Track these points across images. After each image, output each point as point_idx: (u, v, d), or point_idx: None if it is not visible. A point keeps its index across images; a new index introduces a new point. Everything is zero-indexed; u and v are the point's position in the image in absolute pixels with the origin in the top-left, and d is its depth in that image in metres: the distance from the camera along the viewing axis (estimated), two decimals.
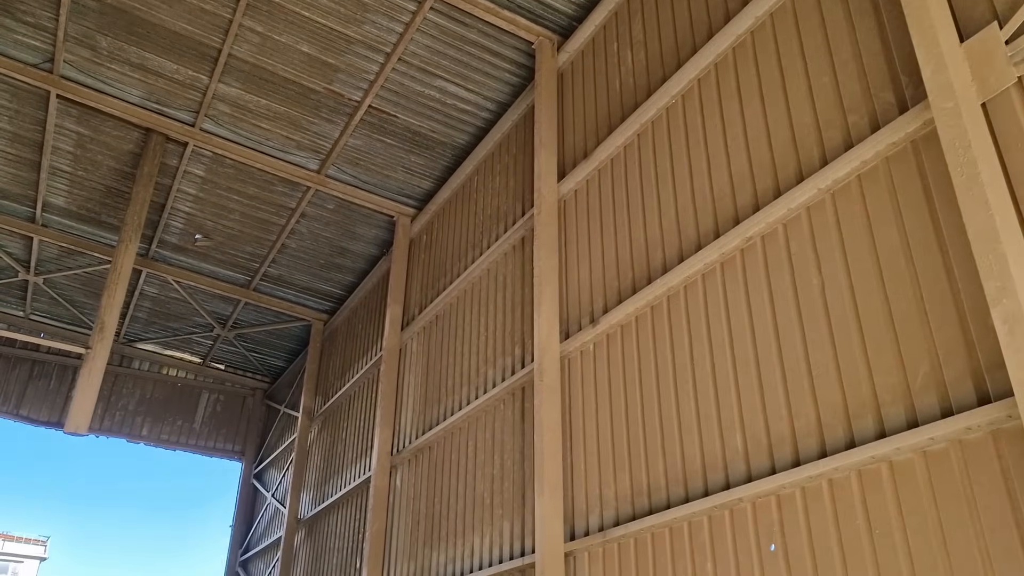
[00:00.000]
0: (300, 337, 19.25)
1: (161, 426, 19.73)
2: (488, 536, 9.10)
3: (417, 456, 11.51)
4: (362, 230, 14.94)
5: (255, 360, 20.41)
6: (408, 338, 12.84)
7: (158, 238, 15.59)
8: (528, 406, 9.00)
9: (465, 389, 10.57)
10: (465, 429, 10.31)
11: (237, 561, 19.61)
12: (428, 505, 10.76)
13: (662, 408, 7.01)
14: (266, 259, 16.00)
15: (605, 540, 7.10)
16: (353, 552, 12.86)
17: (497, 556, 8.80)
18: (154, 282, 17.24)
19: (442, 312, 11.95)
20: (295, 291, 17.18)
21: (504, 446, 9.26)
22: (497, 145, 11.61)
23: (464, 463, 10.10)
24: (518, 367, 9.40)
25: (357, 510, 13.20)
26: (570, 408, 8.25)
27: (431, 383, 11.67)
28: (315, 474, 15.83)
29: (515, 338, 9.66)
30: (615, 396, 7.64)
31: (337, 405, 15.67)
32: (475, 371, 10.45)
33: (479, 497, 9.53)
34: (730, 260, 6.68)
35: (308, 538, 15.31)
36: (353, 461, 13.94)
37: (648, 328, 7.45)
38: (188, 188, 14.14)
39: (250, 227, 15.10)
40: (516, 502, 8.72)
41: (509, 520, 8.76)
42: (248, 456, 20.54)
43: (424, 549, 10.53)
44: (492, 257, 10.72)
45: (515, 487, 8.81)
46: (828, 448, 5.38)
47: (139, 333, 19.46)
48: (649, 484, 6.91)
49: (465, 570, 9.37)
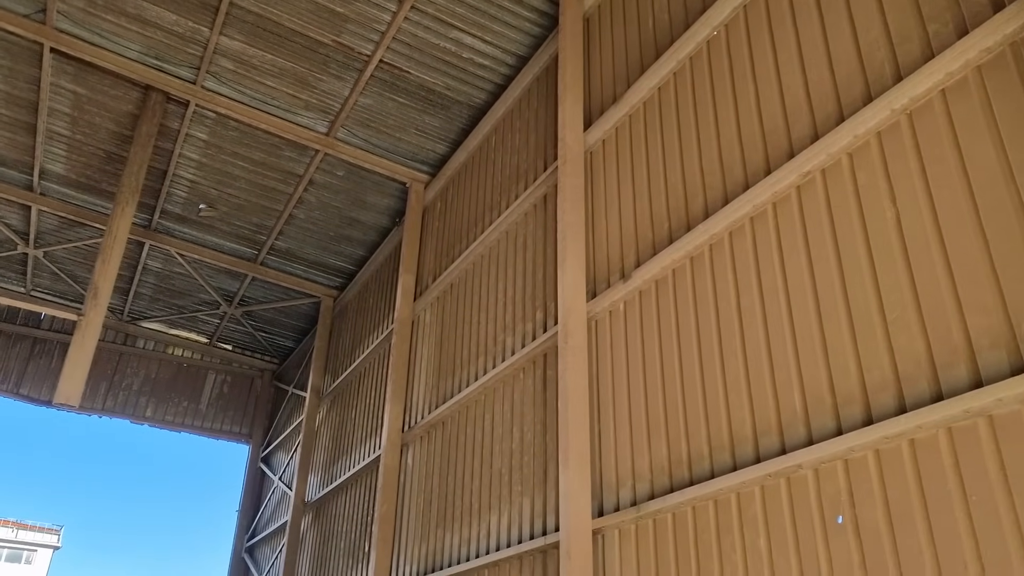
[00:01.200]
0: (309, 316, 18.60)
1: (166, 407, 19.14)
2: (507, 515, 8.37)
3: (429, 432, 10.80)
4: (373, 199, 14.23)
5: (263, 340, 19.77)
6: (421, 309, 12.13)
7: (160, 208, 14.95)
8: (551, 374, 8.26)
9: (481, 359, 9.85)
10: (481, 402, 9.59)
11: (243, 547, 19.01)
12: (441, 484, 10.05)
13: (704, 369, 6.25)
14: (273, 230, 15.32)
15: (639, 516, 6.35)
16: (361, 535, 12.18)
17: (516, 536, 8.07)
18: (158, 256, 16.62)
19: (457, 280, 11.22)
20: (304, 266, 16.50)
21: (524, 418, 8.53)
22: (517, 101, 10.85)
23: (480, 438, 9.38)
24: (539, 332, 8.66)
25: (366, 491, 12.52)
26: (598, 373, 7.51)
27: (445, 355, 10.95)
28: (323, 455, 15.17)
29: (536, 302, 8.92)
30: (649, 358, 6.88)
31: (346, 383, 14.99)
32: (492, 340, 9.72)
33: (496, 474, 8.81)
34: (784, 199, 5.90)
35: (315, 522, 14.66)
36: (362, 440, 13.25)
37: (687, 281, 6.69)
38: (191, 153, 13.47)
39: (256, 196, 14.42)
40: (537, 478, 7.99)
41: (530, 497, 8.03)
42: (255, 439, 19.92)
43: (437, 531, 9.83)
44: (511, 218, 9.97)
45: (536, 461, 8.08)
46: (908, 403, 4.61)
47: (143, 311, 18.86)
48: (690, 453, 6.16)
49: (481, 551, 8.66)
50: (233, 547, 19.01)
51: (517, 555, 7.88)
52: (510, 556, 7.96)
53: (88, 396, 18.36)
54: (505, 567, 8.11)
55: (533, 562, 7.67)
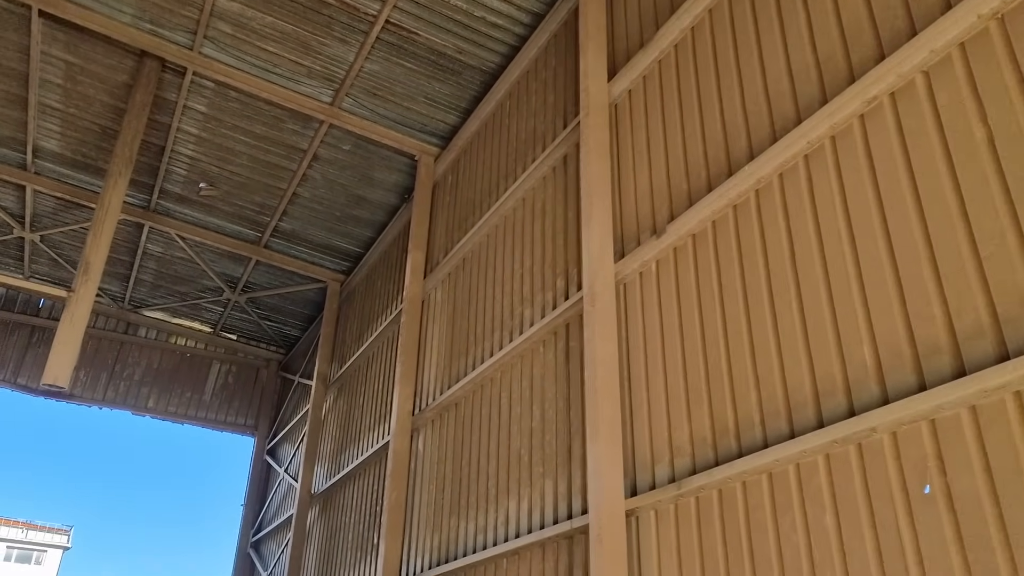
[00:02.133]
0: (316, 303, 17.95)
1: (169, 398, 18.53)
2: (527, 499, 7.68)
3: (442, 415, 10.11)
4: (381, 175, 13.56)
5: (269, 329, 19.14)
6: (431, 287, 11.44)
7: (159, 187, 14.32)
8: (574, 344, 7.56)
9: (497, 335, 9.16)
10: (497, 379, 8.90)
11: (249, 542, 18.37)
12: (454, 469, 9.37)
13: (753, 328, 5.54)
14: (277, 211, 14.67)
15: (679, 494, 5.65)
16: (370, 526, 11.51)
17: (539, 521, 7.37)
18: (158, 239, 16.00)
19: (469, 254, 10.53)
20: (309, 248, 15.84)
21: (545, 394, 7.83)
22: (533, 62, 10.16)
23: (496, 418, 8.69)
24: (560, 301, 7.97)
25: (375, 480, 11.85)
26: (628, 339, 6.80)
27: (458, 333, 10.27)
28: (330, 444, 14.51)
29: (557, 270, 8.22)
30: (687, 319, 6.18)
31: (354, 369, 14.33)
32: (508, 313, 9.03)
33: (515, 455, 8.11)
34: (845, 131, 5.19)
35: (322, 514, 14.00)
36: (371, 427, 12.58)
37: (730, 232, 5.98)
38: (190, 127, 12.83)
39: (259, 173, 13.77)
40: (561, 457, 7.29)
41: (552, 479, 7.33)
42: (261, 431, 19.29)
43: (450, 519, 9.14)
44: (527, 184, 9.28)
45: (560, 440, 7.38)
46: (1012, 350, 3.89)
47: (145, 299, 18.26)
48: (737, 421, 5.45)
49: (499, 539, 7.97)
50: (238, 542, 18.38)
51: (539, 542, 7.19)
52: (531, 543, 7.27)
53: (88, 386, 17.78)
54: (526, 555, 7.42)
55: (557, 549, 6.97)
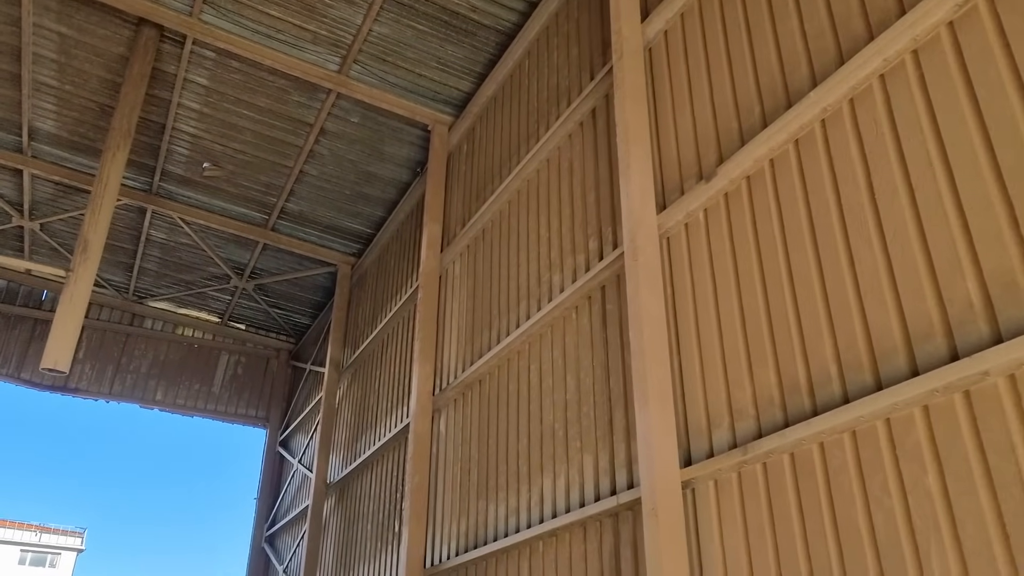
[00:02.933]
0: (326, 288, 17.38)
1: (177, 390, 17.99)
2: (563, 477, 7.09)
3: (464, 393, 9.53)
4: (392, 149, 12.96)
5: (278, 318, 18.59)
6: (449, 261, 10.85)
7: (161, 169, 13.76)
8: (611, 308, 6.96)
9: (523, 305, 8.57)
10: (525, 352, 8.30)
11: (263, 536, 17.85)
12: (481, 449, 8.79)
13: (826, 272, 4.93)
14: (284, 190, 14.10)
15: (743, 460, 5.05)
16: (390, 514, 10.95)
17: (578, 499, 6.78)
18: (161, 225, 15.44)
19: (489, 224, 9.94)
20: (318, 230, 15.27)
21: (580, 362, 7.24)
22: (553, 16, 9.54)
23: (526, 392, 8.10)
24: (594, 262, 7.37)
25: (394, 466, 11.28)
26: (674, 297, 6.20)
27: (479, 307, 9.68)
28: (345, 432, 13.96)
29: (589, 230, 7.62)
30: (745, 270, 5.57)
31: (368, 353, 13.76)
32: (535, 281, 8.43)
33: (548, 431, 7.52)
34: (929, 43, 4.56)
35: (339, 504, 13.45)
36: (388, 411, 12.02)
37: (792, 170, 5.37)
38: (191, 102, 12.25)
39: (264, 150, 13.19)
40: (601, 430, 6.70)
41: (592, 453, 6.74)
42: (273, 423, 18.75)
43: (478, 502, 8.56)
44: (551, 143, 8.68)
45: (598, 411, 6.79)
46: None
47: (150, 289, 17.72)
48: (810, 376, 4.85)
49: (533, 520, 7.38)
50: (252, 537, 17.87)
51: (579, 521, 6.60)
52: (571, 523, 6.68)
53: (94, 379, 17.26)
54: (564, 536, 6.83)
55: (600, 528, 6.38)
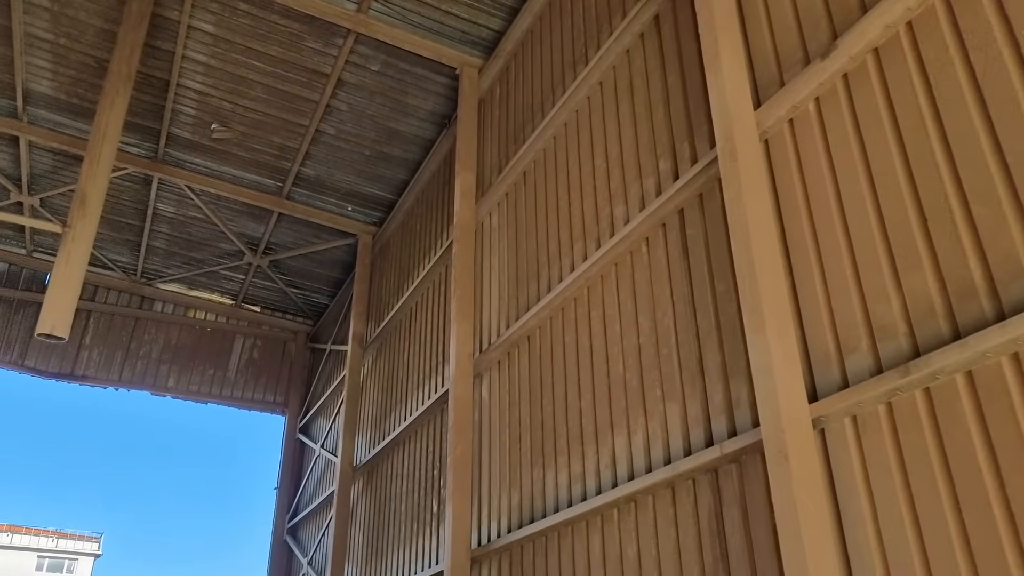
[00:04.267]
0: (345, 263, 16.39)
1: (190, 376, 17.06)
2: (641, 432, 6.06)
3: (510, 353, 8.51)
4: (416, 101, 11.95)
5: (295, 298, 17.61)
6: (485, 213, 9.84)
7: (167, 133, 12.81)
8: (693, 231, 5.92)
9: (578, 246, 7.54)
10: (583, 298, 7.28)
11: (285, 528, 16.90)
12: (533, 412, 7.77)
13: (1006, 145, 3.89)
14: (299, 153, 13.11)
15: (896, 387, 4.00)
16: (427, 493, 9.95)
17: (662, 456, 5.75)
18: (169, 197, 14.49)
19: (531, 166, 8.91)
20: (336, 198, 14.28)
21: (657, 300, 6.21)
22: None
23: (587, 343, 7.07)
24: (667, 184, 6.33)
25: (429, 441, 10.28)
26: (779, 206, 5.16)
27: (523, 258, 8.66)
28: (372, 410, 12.97)
29: (658, 150, 6.58)
30: (881, 160, 4.52)
31: (394, 325, 12.78)
32: (592, 218, 7.40)
33: (618, 382, 6.50)
34: None
35: (367, 488, 12.47)
36: (420, 383, 11.02)
37: (939, 28, 4.32)
38: (196, 53, 11.28)
39: (277, 107, 12.21)
40: (689, 373, 5.67)
41: (678, 401, 5.71)
42: (292, 408, 17.80)
43: (532, 471, 7.54)
44: (605, 63, 7.65)
45: (685, 352, 5.76)
46: None
47: (159, 269, 16.78)
48: (990, 274, 3.80)
49: (605, 486, 6.36)
50: (273, 529, 16.91)
51: (666, 481, 5.57)
52: (654, 484, 5.65)
53: (102, 366, 16.34)
54: (646, 500, 5.80)
55: (694, 487, 5.35)
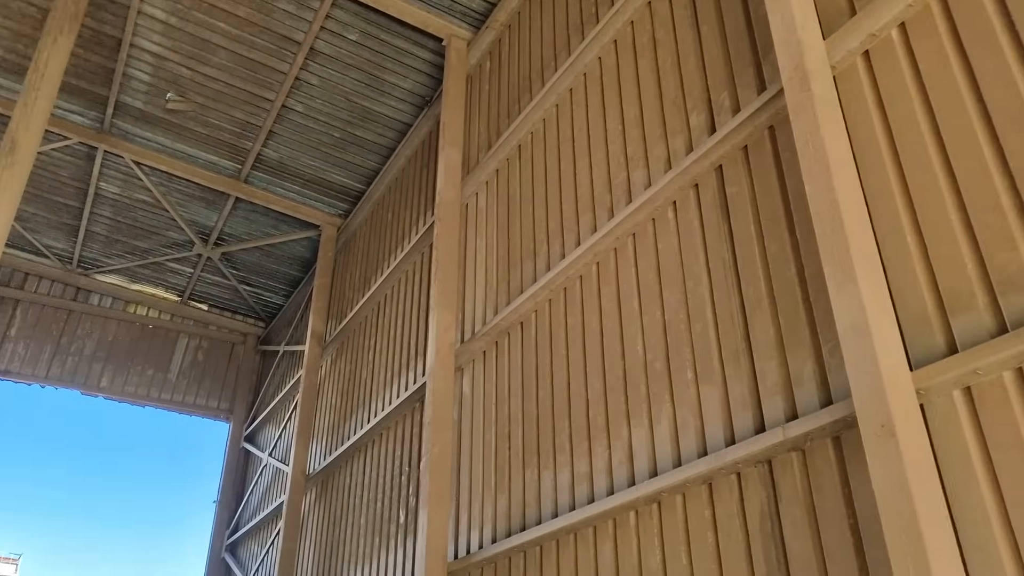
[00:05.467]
0: (304, 260, 15.27)
1: (126, 376, 15.63)
2: (667, 421, 5.16)
3: (498, 343, 7.57)
4: (395, 78, 11.04)
5: (247, 296, 16.38)
6: (471, 193, 8.94)
7: (116, 100, 11.65)
8: (735, 190, 5.11)
9: (586, 218, 6.68)
10: (591, 273, 6.39)
11: (224, 545, 15.48)
12: (527, 407, 6.82)
13: None
14: (262, 131, 12.05)
15: None
16: (393, 501, 8.87)
17: (695, 447, 4.85)
18: (114, 176, 13.24)
19: (528, 139, 8.06)
20: (300, 184, 13.22)
21: (688, 269, 5.36)
22: None
23: (595, 325, 6.18)
24: (701, 139, 5.53)
25: (397, 443, 9.22)
26: (853, 149, 4.37)
27: (514, 239, 7.77)
28: (329, 415, 11.84)
29: (690, 104, 5.79)
30: (993, 83, 3.78)
31: (358, 322, 11.72)
32: (603, 187, 6.56)
33: (637, 366, 5.61)
34: None
35: (321, 498, 11.29)
36: (388, 382, 9.98)
37: None
38: (155, 9, 10.21)
39: (241, 77, 11.17)
40: (732, 349, 4.81)
41: (716, 384, 4.84)
42: (237, 415, 16.47)
43: (524, 473, 6.57)
44: (622, 18, 6.87)
45: (725, 327, 4.91)
46: None
47: (98, 259, 15.42)
48: None
49: (619, 485, 5.43)
50: (210, 546, 15.47)
51: (701, 476, 4.67)
52: (687, 480, 4.75)
53: (28, 361, 14.85)
54: (673, 501, 4.89)
55: (739, 481, 4.47)
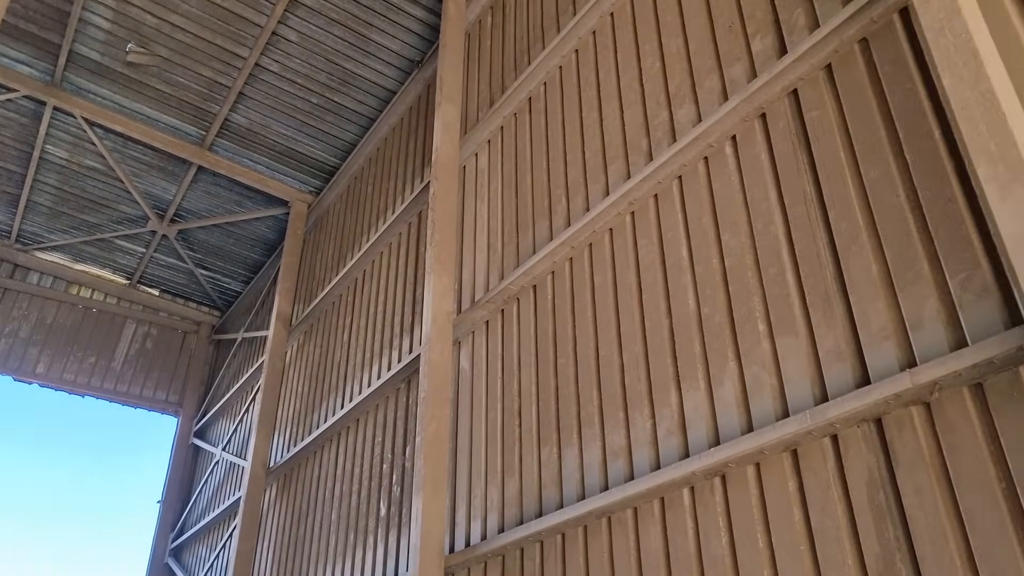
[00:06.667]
0: (268, 241, 14.21)
1: (65, 363, 14.29)
2: (730, 381, 4.39)
3: (504, 310, 6.72)
4: (383, 38, 10.19)
5: (204, 281, 15.19)
6: (470, 153, 8.11)
7: (69, 50, 10.55)
8: (816, 114, 4.40)
9: (616, 166, 5.92)
10: (625, 225, 5.61)
11: (167, 549, 14.17)
12: (541, 378, 5.98)
13: None
14: (232, 92, 11.05)
15: None
16: (372, 493, 7.90)
17: (771, 407, 4.09)
18: (63, 139, 12.06)
19: (540, 90, 7.29)
20: (270, 155, 12.21)
21: (755, 207, 4.62)
22: None
23: (631, 279, 5.40)
24: (766, 65, 4.82)
25: (378, 428, 8.27)
26: None
27: (524, 198, 6.96)
28: (294, 404, 10.80)
29: (753, 26, 5.08)
30: None
31: (330, 302, 10.75)
32: (638, 131, 5.81)
33: (686, 320, 4.83)
34: None
35: (283, 493, 10.23)
36: (366, 363, 9.03)
37: None
38: None
39: (212, 30, 10.20)
40: (820, 293, 4.08)
41: (797, 333, 4.09)
42: (187, 410, 15.20)
43: (541, 450, 5.73)
44: None
45: (809, 266, 4.18)
46: None
47: (40, 234, 14.12)
48: None
49: (667, 458, 4.62)
50: (152, 550, 14.14)
51: (783, 441, 3.90)
52: (763, 446, 3.98)
53: None
54: (742, 473, 4.11)
55: (836, 444, 3.71)
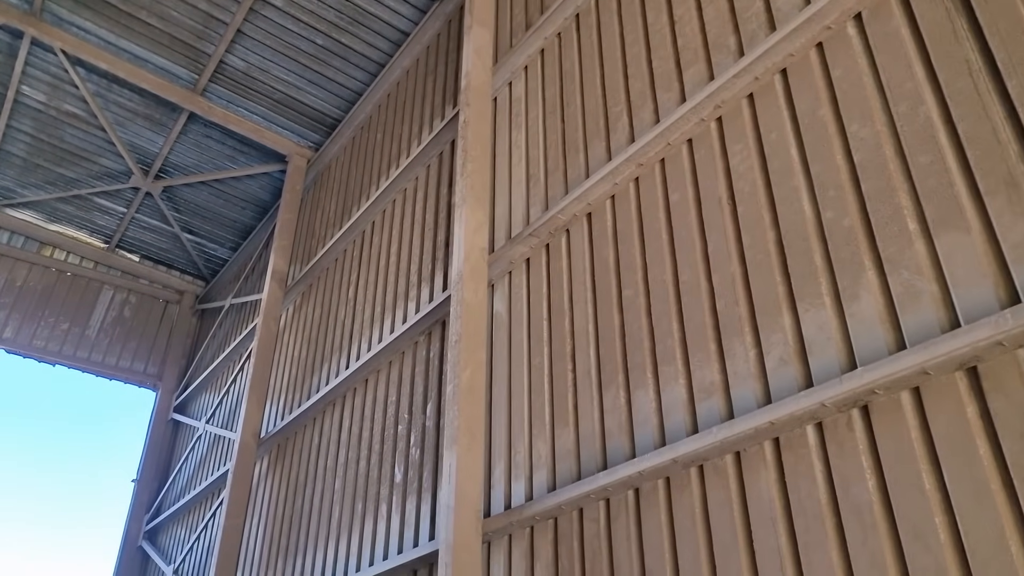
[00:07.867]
0: (261, 202, 13.23)
1: (35, 329, 13.20)
2: (868, 295, 3.57)
3: (549, 244, 5.87)
4: None
5: (189, 247, 14.16)
6: (505, 79, 7.26)
7: None
8: None
9: (695, 69, 5.10)
10: (709, 133, 4.79)
11: (142, 531, 13.10)
12: (602, 314, 5.14)
13: None
14: (229, 30, 10.10)
15: None
16: (386, 458, 6.98)
17: (935, 319, 3.29)
18: (41, 79, 11.03)
19: (588, 5, 6.47)
20: (268, 104, 11.27)
21: (901, 85, 3.81)
22: None
23: (720, 190, 4.58)
24: None
25: (392, 386, 7.36)
26: None
27: (572, 119, 6.12)
28: (290, 370, 9.86)
29: None
30: None
31: (333, 258, 9.83)
32: (722, 28, 5.01)
33: (802, 230, 4.02)
34: None
35: (276, 465, 9.27)
36: (377, 317, 8.13)
37: None
38: None
39: None
40: (1002, 174, 3.28)
41: (970, 229, 3.29)
42: (167, 383, 14.15)
43: (604, 394, 4.88)
44: None
45: (985, 145, 3.38)
46: None
47: (11, 188, 13.04)
48: None
49: (779, 392, 3.80)
50: (125, 532, 13.06)
51: (955, 359, 3.09)
52: (931, 364, 3.16)
53: None
54: (894, 402, 3.29)
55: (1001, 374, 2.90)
